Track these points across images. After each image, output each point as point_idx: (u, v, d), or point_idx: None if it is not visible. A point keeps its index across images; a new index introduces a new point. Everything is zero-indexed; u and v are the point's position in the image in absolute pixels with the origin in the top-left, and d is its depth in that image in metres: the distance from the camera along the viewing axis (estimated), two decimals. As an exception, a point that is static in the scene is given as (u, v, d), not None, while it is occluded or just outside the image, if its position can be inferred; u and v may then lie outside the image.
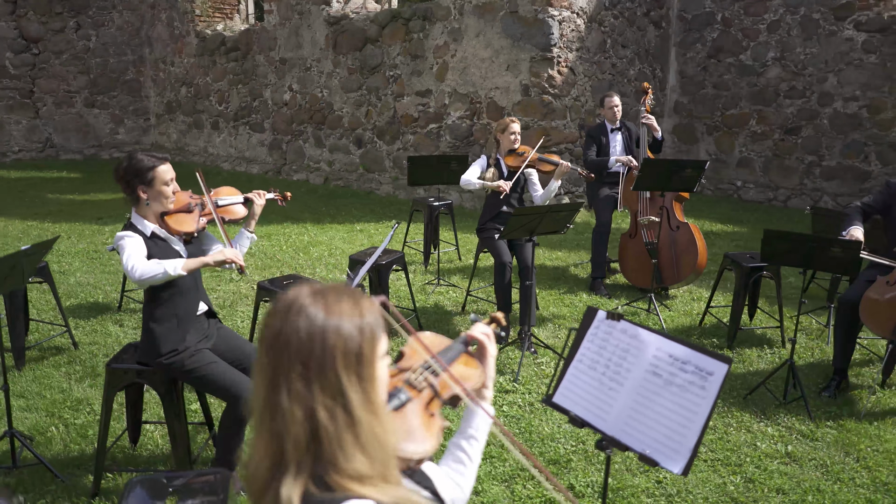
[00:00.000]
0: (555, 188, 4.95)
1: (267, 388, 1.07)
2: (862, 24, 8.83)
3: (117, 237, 2.85)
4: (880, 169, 8.94)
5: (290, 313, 1.08)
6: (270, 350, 1.07)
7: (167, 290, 2.91)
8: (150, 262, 2.78)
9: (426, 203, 6.50)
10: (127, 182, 2.89)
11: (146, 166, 2.89)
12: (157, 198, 2.92)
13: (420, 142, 9.75)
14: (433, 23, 9.25)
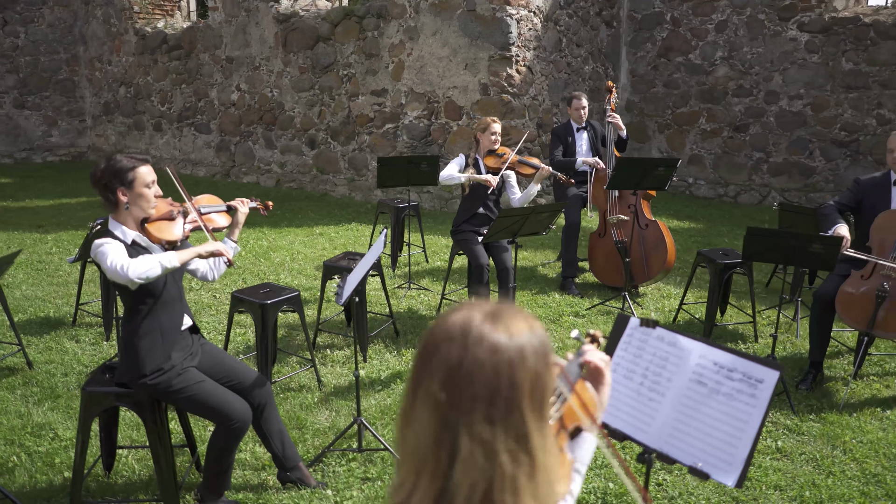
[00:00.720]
0: (534, 192, 4.88)
1: (438, 427, 0.93)
2: (805, 24, 9.13)
3: (95, 245, 2.63)
4: (824, 164, 9.26)
5: (469, 341, 0.95)
6: (448, 385, 0.93)
7: (149, 301, 2.71)
8: (141, 258, 2.58)
9: (392, 205, 6.36)
10: (105, 184, 2.67)
11: (126, 167, 2.68)
12: (138, 201, 2.71)
13: (376, 142, 9.58)
14: (388, 21, 9.10)
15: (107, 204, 2.72)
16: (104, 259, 2.55)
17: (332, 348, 4.74)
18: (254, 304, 3.86)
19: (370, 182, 9.74)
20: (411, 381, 0.99)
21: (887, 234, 4.05)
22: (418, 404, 0.96)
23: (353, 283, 3.06)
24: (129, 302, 2.72)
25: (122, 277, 2.52)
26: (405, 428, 0.98)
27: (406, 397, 1.00)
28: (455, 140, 8.80)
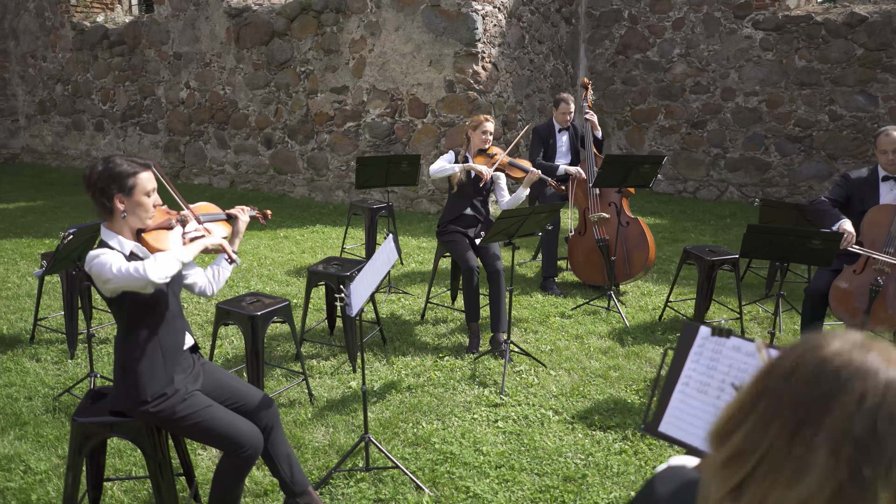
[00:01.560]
0: (523, 196, 4.74)
1: (841, 484, 0.78)
2: (759, 22, 9.31)
3: (91, 256, 2.36)
4: (779, 160, 9.48)
5: (880, 381, 0.80)
6: (864, 433, 0.78)
7: (148, 319, 2.46)
8: (154, 256, 2.37)
9: (366, 206, 6.14)
10: (101, 189, 2.41)
11: (126, 172, 2.42)
12: (136, 210, 2.46)
13: (337, 141, 9.30)
14: (348, 16, 8.84)
15: (101, 211, 2.46)
16: (106, 268, 2.29)
17: (318, 358, 4.51)
18: (242, 315, 3.60)
19: (331, 182, 9.46)
20: (789, 424, 0.82)
21: (878, 228, 4.09)
22: (808, 455, 0.80)
23: (364, 292, 2.86)
24: (125, 319, 2.45)
25: (140, 281, 2.27)
26: (795, 483, 0.81)
27: (777, 446, 0.83)
28: (420, 138, 8.62)
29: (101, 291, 2.42)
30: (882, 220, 4.09)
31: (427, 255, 6.85)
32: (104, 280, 2.31)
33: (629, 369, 4.41)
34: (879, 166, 4.25)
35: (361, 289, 2.93)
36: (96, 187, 2.42)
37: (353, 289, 3.09)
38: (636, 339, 4.88)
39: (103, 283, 2.32)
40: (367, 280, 2.94)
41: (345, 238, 6.49)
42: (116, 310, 2.46)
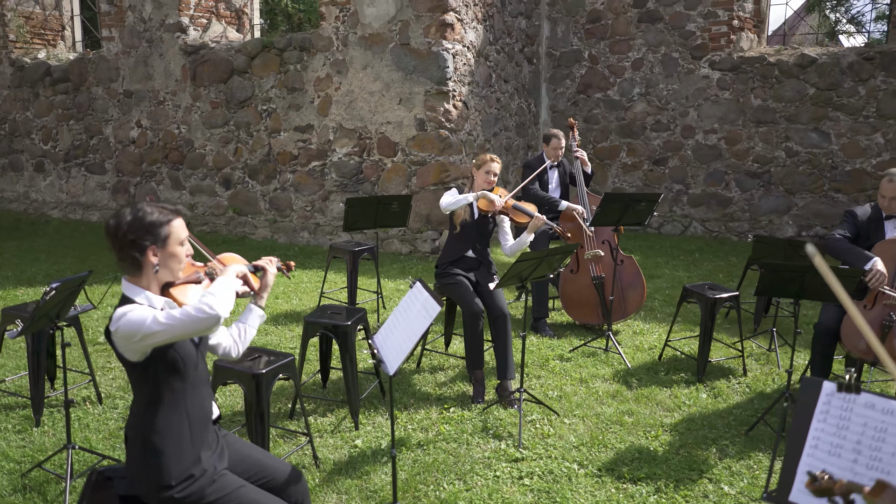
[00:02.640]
0: (527, 241, 4.54)
1: None
2: (716, 63, 9.59)
3: (119, 315, 2.07)
4: (740, 195, 9.69)
5: None
6: None
7: (176, 384, 2.17)
8: (211, 289, 2.14)
9: (347, 249, 5.87)
10: (133, 242, 2.12)
11: (159, 220, 2.15)
12: (169, 263, 2.19)
13: (301, 180, 9.01)
14: (312, 54, 8.63)
15: (128, 265, 2.16)
16: (147, 322, 2.03)
17: (314, 415, 4.18)
18: (245, 374, 3.28)
19: (295, 223, 9.13)
20: None
21: (886, 262, 4.10)
22: None
23: (401, 348, 2.61)
24: (149, 387, 2.14)
25: (208, 321, 2.04)
26: None
27: None
28: (389, 177, 8.42)
29: (124, 355, 2.11)
30: (890, 255, 4.09)
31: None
32: (143, 336, 2.02)
33: (643, 414, 4.24)
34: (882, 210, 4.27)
35: (395, 344, 2.67)
36: (126, 239, 2.12)
37: (380, 342, 2.83)
38: (641, 382, 4.73)
39: (139, 340, 2.03)
40: (402, 334, 2.69)
41: (324, 282, 6.18)
42: (140, 375, 2.15)
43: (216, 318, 2.05)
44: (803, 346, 5.49)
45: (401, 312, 2.84)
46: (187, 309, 2.06)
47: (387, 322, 2.93)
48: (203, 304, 2.06)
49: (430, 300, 2.65)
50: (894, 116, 8.71)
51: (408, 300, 2.86)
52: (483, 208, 4.48)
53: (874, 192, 8.91)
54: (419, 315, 2.67)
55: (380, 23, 8.13)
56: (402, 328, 2.72)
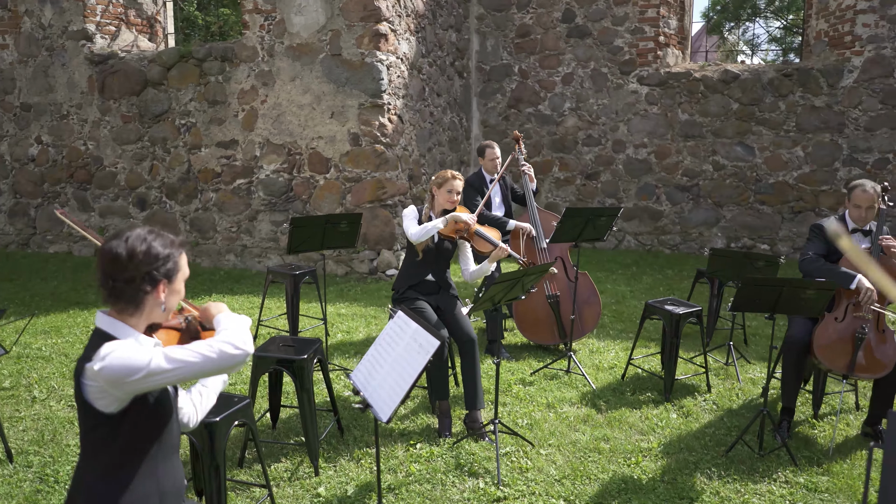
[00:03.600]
0: (489, 270, 4.25)
1: None
2: (644, 78, 9.72)
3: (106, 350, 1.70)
4: (670, 208, 9.82)
5: None
6: None
7: (148, 448, 1.78)
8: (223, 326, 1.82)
9: (287, 273, 5.42)
10: (147, 274, 1.77)
11: (170, 253, 1.83)
12: (171, 300, 1.87)
13: (225, 199, 8.43)
14: (235, 65, 8.12)
15: (126, 299, 1.76)
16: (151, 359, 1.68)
17: (267, 459, 3.73)
18: (196, 423, 2.82)
19: (219, 245, 8.52)
20: None
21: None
22: None
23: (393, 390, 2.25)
24: (115, 446, 1.73)
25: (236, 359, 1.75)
26: None
27: None
28: (322, 195, 7.99)
29: (95, 402, 1.73)
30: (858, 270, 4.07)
31: (352, 323, 6.20)
32: (147, 374, 1.67)
33: (618, 439, 4.03)
34: (848, 218, 4.24)
35: (385, 384, 2.32)
36: (139, 271, 1.74)
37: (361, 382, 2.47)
38: (610, 404, 4.54)
39: (137, 380, 1.67)
40: (392, 372, 2.34)
41: (261, 309, 5.69)
42: (106, 432, 1.74)
43: (247, 354, 1.77)
44: (757, 359, 5.48)
45: (385, 346, 2.49)
46: (213, 344, 1.73)
47: (367, 357, 2.57)
48: (232, 339, 1.76)
49: (422, 333, 2.32)
50: (812, 131, 9.06)
51: (391, 332, 2.51)
52: (447, 233, 4.18)
53: (797, 204, 9.23)
54: (410, 350, 2.33)
55: (309, 32, 7.74)
56: (389, 366, 2.37)
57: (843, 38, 8.92)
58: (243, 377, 4.85)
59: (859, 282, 3.88)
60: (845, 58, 8.86)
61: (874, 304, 3.85)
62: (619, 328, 6.27)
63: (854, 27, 8.76)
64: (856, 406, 4.59)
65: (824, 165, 9.07)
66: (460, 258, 4.36)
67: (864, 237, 4.23)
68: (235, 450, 3.80)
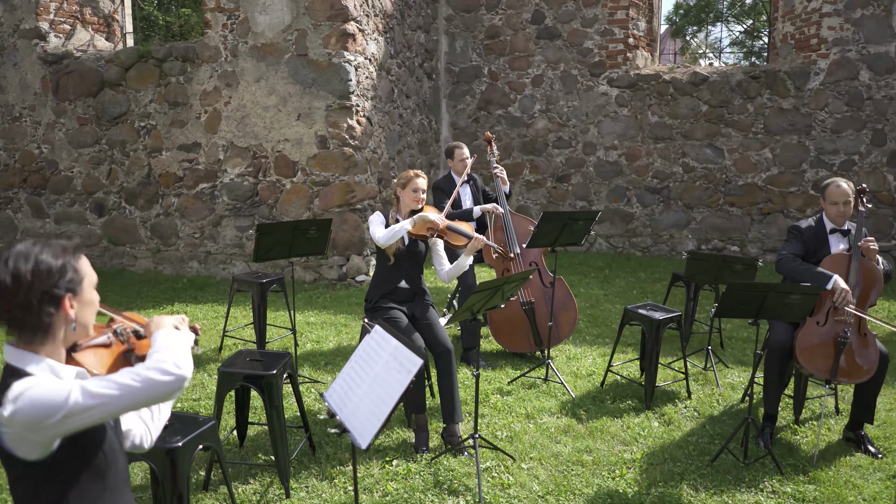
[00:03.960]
0: (466, 265, 4.12)
1: None
2: (614, 80, 9.68)
3: (15, 393, 1.46)
4: (641, 210, 9.79)
5: None
6: None
7: (90, 487, 1.56)
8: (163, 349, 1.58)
9: (254, 281, 5.20)
10: (44, 294, 1.53)
11: (65, 261, 1.57)
12: (85, 314, 1.62)
13: (188, 204, 8.13)
14: (197, 65, 7.84)
15: (30, 328, 1.53)
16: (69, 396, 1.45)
17: (235, 482, 3.51)
18: (158, 449, 2.61)
19: (182, 252, 8.22)
20: None
21: (835, 277, 4.02)
22: None
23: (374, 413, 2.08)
24: (51, 492, 1.51)
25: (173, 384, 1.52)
26: None
27: None
28: (289, 199, 7.76)
29: (15, 450, 1.50)
30: (839, 270, 4.02)
31: (321, 332, 5.99)
32: (65, 415, 1.44)
33: (601, 451, 3.91)
34: (825, 217, 4.21)
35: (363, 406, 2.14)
36: (34, 294, 1.50)
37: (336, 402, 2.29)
38: (590, 413, 4.42)
39: (55, 423, 1.45)
40: (370, 393, 2.17)
41: (227, 319, 5.45)
42: (39, 479, 1.52)
43: (182, 380, 1.53)
44: (734, 363, 5.42)
45: (361, 364, 2.32)
46: (139, 371, 1.49)
47: (343, 376, 2.39)
48: (161, 363, 1.51)
49: (402, 351, 2.15)
50: (780, 133, 9.11)
51: (368, 349, 2.34)
52: (417, 232, 4.02)
53: (766, 206, 9.27)
54: (390, 369, 2.16)
55: (273, 32, 7.50)
56: (368, 386, 2.19)
57: (809, 40, 9.00)
58: (208, 391, 4.62)
59: (835, 282, 3.84)
60: (811, 60, 8.93)
61: (851, 307, 3.80)
62: (595, 333, 6.17)
63: (820, 30, 8.84)
64: (836, 410, 4.55)
65: (792, 167, 9.12)
66: (434, 258, 4.21)
67: (843, 237, 4.20)
68: (200, 471, 3.58)
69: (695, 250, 6.47)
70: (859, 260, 4.02)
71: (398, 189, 4.09)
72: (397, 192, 4.10)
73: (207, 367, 5.10)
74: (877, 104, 8.71)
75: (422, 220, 3.92)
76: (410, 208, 4.08)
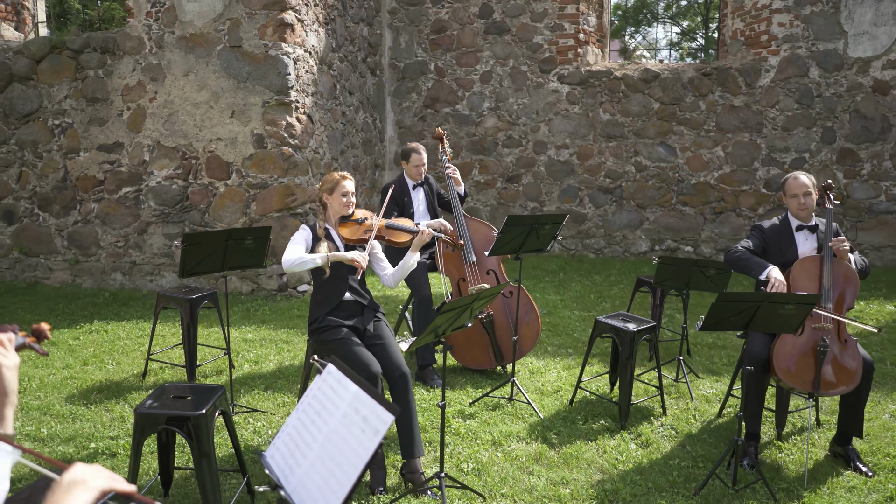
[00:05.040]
0: (413, 264, 3.73)
1: None
2: (565, 77, 9.39)
3: None
4: (594, 211, 9.53)
5: None
6: None
7: None
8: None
9: (182, 297, 4.61)
10: None
11: None
12: None
13: (110, 210, 7.41)
14: (118, 57, 7.14)
15: None
16: None
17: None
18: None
19: (103, 263, 7.49)
20: None
21: (808, 282, 3.74)
22: None
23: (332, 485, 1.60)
24: None
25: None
26: None
27: None
28: (223, 204, 7.14)
29: None
30: (811, 274, 3.75)
31: (260, 351, 5.43)
32: None
33: (578, 481, 3.52)
34: (790, 215, 3.98)
35: (315, 473, 1.66)
36: None
37: (279, 467, 1.81)
38: (562, 437, 4.03)
39: None
40: (323, 456, 1.69)
41: (151, 340, 4.83)
42: None
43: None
44: (704, 372, 5.13)
45: (311, 416, 1.84)
46: None
47: (287, 429, 1.90)
48: None
49: (365, 401, 1.68)
50: (732, 130, 8.98)
51: (321, 395, 1.86)
52: (349, 237, 3.61)
53: (718, 204, 9.13)
54: (350, 425, 1.68)
55: (203, 21, 6.87)
56: (320, 447, 1.71)
57: (760, 37, 8.90)
58: (129, 426, 4.02)
59: (769, 272, 3.64)
60: (762, 57, 8.83)
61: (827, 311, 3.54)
62: (557, 343, 5.81)
63: (770, 26, 8.74)
64: (817, 423, 4.29)
65: (744, 165, 9.01)
66: (373, 264, 3.79)
67: (811, 234, 3.95)
68: None
69: (665, 255, 6.14)
70: (832, 261, 3.76)
71: (324, 195, 3.69)
72: (324, 199, 3.70)
73: (129, 396, 4.49)
74: (826, 102, 8.67)
75: (351, 258, 3.52)
76: (340, 214, 3.67)
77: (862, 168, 8.71)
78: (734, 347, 5.72)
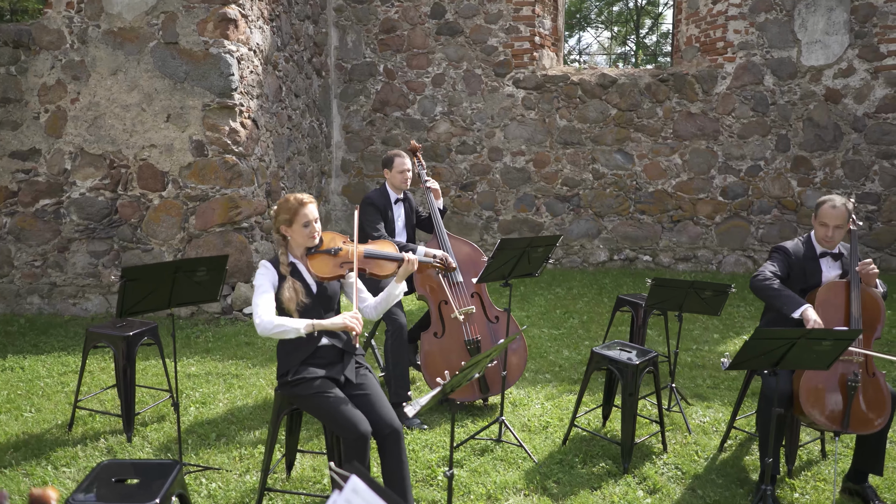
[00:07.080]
0: (399, 294, 3.24)
1: None
2: (520, 81, 9.04)
3: None
4: (551, 220, 9.23)
5: None
6: None
7: None
8: None
9: (117, 334, 3.95)
10: None
11: None
12: None
13: (25, 226, 6.56)
14: (35, 52, 6.32)
15: None
16: None
17: None
18: None
19: (18, 285, 6.63)
20: None
21: (835, 310, 3.46)
22: None
23: None
24: None
25: None
26: None
27: None
28: (157, 217, 6.42)
29: None
30: (837, 302, 3.47)
31: (207, 389, 4.79)
32: None
33: (592, 542, 3.10)
34: (814, 240, 3.68)
35: None
36: None
37: None
38: (562, 486, 3.61)
39: None
40: None
41: (79, 384, 4.13)
42: None
43: None
44: (694, 398, 4.84)
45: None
46: None
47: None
48: None
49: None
50: (689, 138, 8.84)
51: None
52: (322, 274, 3.07)
53: (676, 213, 8.97)
54: None
55: (134, 14, 6.15)
56: None
57: (715, 44, 8.78)
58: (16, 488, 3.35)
59: (804, 312, 3.31)
60: (717, 64, 8.72)
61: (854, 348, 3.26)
62: (533, 368, 5.41)
63: (726, 33, 8.63)
64: (822, 454, 4.03)
65: (701, 173, 8.88)
66: (348, 296, 3.26)
67: (835, 261, 3.68)
68: None
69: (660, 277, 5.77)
70: (860, 288, 3.49)
71: (283, 227, 3.08)
72: (282, 231, 3.09)
73: (53, 454, 3.80)
74: (780, 109, 8.63)
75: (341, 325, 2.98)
76: (305, 246, 3.11)
77: (815, 176, 8.71)
78: (714, 367, 5.47)
